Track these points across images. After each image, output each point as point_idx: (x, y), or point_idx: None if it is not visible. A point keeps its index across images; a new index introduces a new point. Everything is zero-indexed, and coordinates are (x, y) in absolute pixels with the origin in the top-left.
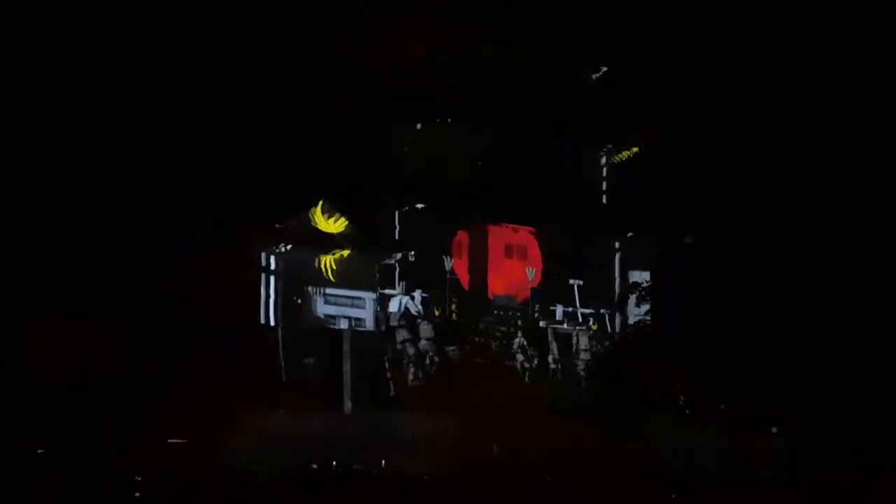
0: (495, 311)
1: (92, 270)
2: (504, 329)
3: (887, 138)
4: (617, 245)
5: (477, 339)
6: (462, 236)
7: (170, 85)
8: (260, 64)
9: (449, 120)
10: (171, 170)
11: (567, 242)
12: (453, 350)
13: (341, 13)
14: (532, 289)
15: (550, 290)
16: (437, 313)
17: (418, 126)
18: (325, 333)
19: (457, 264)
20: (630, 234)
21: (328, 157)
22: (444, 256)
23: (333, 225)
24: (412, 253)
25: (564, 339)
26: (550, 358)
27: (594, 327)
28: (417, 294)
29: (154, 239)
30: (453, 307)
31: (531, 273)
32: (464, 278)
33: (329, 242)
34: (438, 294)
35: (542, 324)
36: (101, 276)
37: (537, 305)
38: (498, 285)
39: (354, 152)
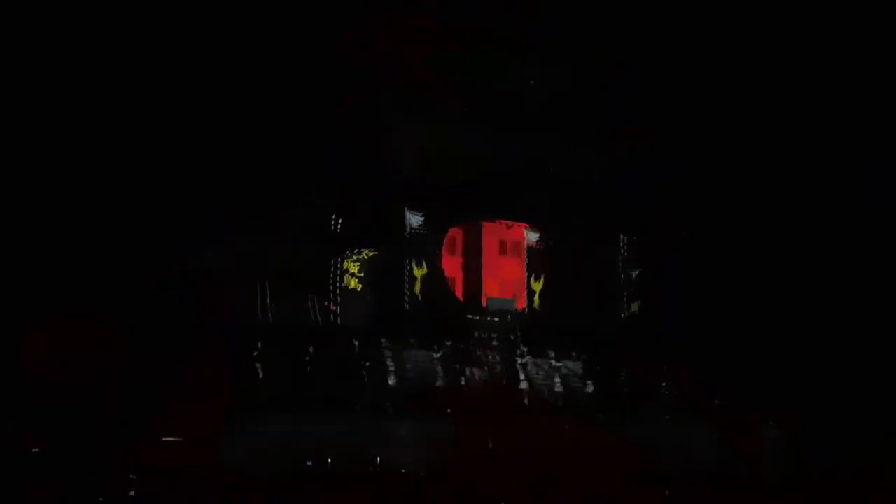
0: (488, 317)
1: (92, 270)
2: (499, 331)
3: (886, 139)
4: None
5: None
6: (455, 233)
7: (171, 86)
8: (260, 64)
9: (448, 120)
10: (171, 170)
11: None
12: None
13: (341, 13)
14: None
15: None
16: None
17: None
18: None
19: (448, 263)
20: (628, 233)
21: (328, 156)
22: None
23: None
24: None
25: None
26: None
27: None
28: None
29: (154, 239)
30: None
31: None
32: (457, 278)
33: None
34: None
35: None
36: (101, 276)
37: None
38: (492, 286)
39: (354, 152)
